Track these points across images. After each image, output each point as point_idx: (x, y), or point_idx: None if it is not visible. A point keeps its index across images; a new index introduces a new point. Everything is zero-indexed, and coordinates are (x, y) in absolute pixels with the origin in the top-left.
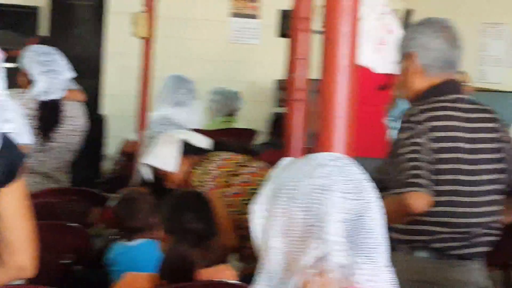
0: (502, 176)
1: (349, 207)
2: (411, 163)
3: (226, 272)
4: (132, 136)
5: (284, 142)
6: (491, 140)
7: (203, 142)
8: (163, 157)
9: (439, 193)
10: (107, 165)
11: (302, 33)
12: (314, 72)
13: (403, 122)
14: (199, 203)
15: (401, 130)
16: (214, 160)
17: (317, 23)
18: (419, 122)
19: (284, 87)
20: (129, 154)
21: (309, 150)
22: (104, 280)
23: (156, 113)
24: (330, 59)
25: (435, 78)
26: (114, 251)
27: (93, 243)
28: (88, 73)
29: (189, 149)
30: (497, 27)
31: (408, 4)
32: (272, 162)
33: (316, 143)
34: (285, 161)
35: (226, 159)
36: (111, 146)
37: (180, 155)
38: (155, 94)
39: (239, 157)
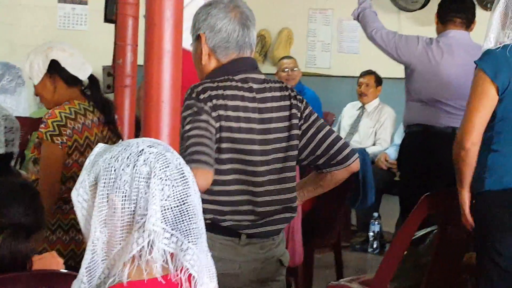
0: (293, 153)
1: (169, 193)
2: (194, 140)
3: (53, 261)
4: None
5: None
6: (284, 119)
7: (76, 69)
8: (31, 63)
9: (226, 173)
10: None
11: (129, 18)
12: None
13: (186, 99)
14: (27, 195)
15: (185, 108)
16: (80, 117)
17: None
18: (202, 100)
19: (112, 73)
20: None
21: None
22: None
23: None
24: (153, 44)
25: (225, 59)
26: None
27: None
28: None
29: (56, 69)
30: (324, 12)
31: None
32: None
33: (142, 127)
34: (99, 148)
35: (94, 125)
36: None
37: (45, 70)
38: None
39: (105, 131)
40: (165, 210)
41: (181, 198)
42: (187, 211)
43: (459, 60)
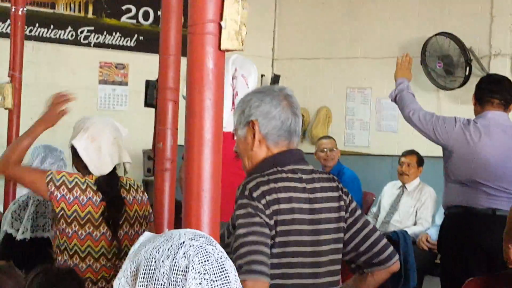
0: (339, 245)
1: None
2: (250, 247)
3: None
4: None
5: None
6: (333, 210)
7: (92, 164)
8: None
9: (277, 266)
10: None
11: (169, 102)
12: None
13: (239, 198)
14: (73, 282)
15: (238, 207)
16: (90, 191)
17: (184, 89)
18: (256, 198)
19: (152, 157)
20: None
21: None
22: None
23: None
24: (193, 133)
25: (275, 147)
26: None
27: None
28: None
29: (74, 154)
30: (362, 91)
31: (275, 69)
32: None
33: (183, 216)
34: (144, 237)
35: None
36: None
37: (68, 147)
38: (23, 163)
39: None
40: None
41: None
42: None
43: (497, 142)
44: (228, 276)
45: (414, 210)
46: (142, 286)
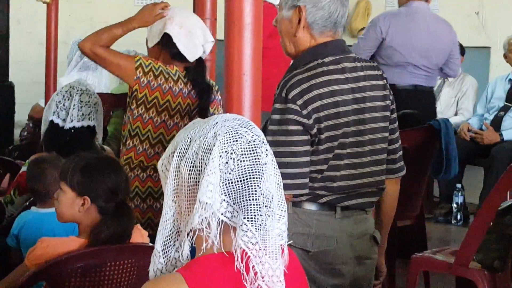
0: (385, 134)
1: (234, 167)
2: (281, 159)
3: (137, 233)
4: (41, 102)
5: None
6: (379, 98)
7: (186, 49)
8: (151, 26)
9: (327, 160)
10: (17, 133)
11: None
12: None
13: (276, 99)
14: (118, 166)
15: (273, 111)
16: (170, 81)
17: None
18: (291, 100)
19: None
20: (38, 120)
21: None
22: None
23: (64, 78)
24: (233, 17)
25: (320, 37)
26: (24, 218)
27: (4, 211)
28: None
29: (166, 43)
30: None
31: None
32: None
33: (224, 101)
34: (192, 122)
35: (181, 94)
36: (20, 113)
37: (158, 39)
38: (62, 59)
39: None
40: (228, 183)
41: (247, 174)
42: (249, 187)
43: (421, 26)
44: (258, 159)
45: (455, 100)
46: (176, 164)
